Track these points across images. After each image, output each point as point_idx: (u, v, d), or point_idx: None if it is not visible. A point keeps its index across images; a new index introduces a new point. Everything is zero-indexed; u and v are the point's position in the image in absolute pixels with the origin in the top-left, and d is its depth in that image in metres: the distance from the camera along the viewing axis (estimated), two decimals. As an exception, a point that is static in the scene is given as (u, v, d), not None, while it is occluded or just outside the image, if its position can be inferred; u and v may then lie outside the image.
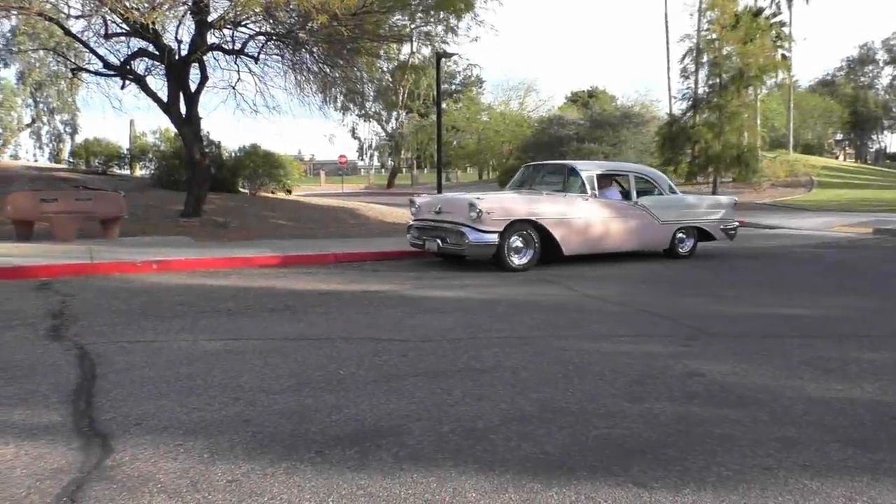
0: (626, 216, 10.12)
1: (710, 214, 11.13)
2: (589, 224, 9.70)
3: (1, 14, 12.20)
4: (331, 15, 10.51)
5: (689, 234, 10.85)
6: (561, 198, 9.76)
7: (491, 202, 9.05)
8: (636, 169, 11.22)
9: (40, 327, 5.55)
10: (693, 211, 10.99)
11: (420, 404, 3.71)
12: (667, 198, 10.69)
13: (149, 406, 3.65)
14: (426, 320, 5.99)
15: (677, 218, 10.65)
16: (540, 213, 9.27)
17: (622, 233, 10.04)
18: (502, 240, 8.87)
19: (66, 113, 38.42)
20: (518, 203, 9.51)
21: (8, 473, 2.83)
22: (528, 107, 45.57)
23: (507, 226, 8.90)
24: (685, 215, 10.80)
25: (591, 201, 9.78)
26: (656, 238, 10.53)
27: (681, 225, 10.69)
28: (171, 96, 13.70)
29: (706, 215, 11.07)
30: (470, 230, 8.83)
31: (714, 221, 11.10)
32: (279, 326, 5.71)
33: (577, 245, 9.58)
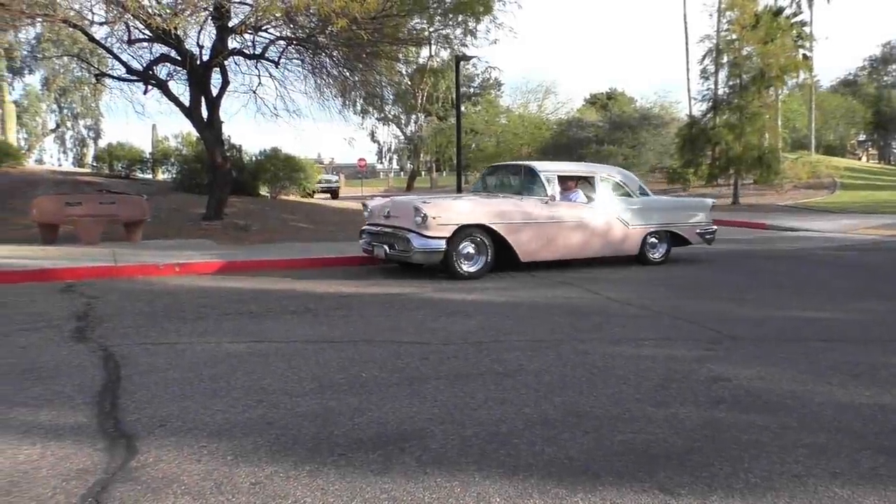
0: (591, 221, 9.56)
1: (685, 218, 10.54)
2: (547, 229, 9.14)
3: (26, 21, 12.40)
4: (350, 19, 10.55)
5: (662, 238, 10.29)
6: (517, 201, 9.24)
7: (438, 206, 8.58)
8: (603, 170, 10.54)
9: (65, 329, 5.62)
10: (665, 214, 10.37)
11: (443, 408, 3.70)
12: (636, 200, 10.11)
13: (173, 408, 3.67)
14: (448, 323, 5.98)
15: (647, 222, 10.06)
16: (492, 217, 8.75)
17: (585, 238, 9.51)
18: (450, 246, 8.40)
19: (90, 118, 38.98)
20: (467, 207, 9.01)
21: (34, 474, 2.86)
22: (546, 109, 45.44)
23: (455, 231, 8.42)
24: (656, 219, 10.19)
25: (550, 204, 9.21)
26: (624, 243, 9.91)
27: (651, 229, 10.10)
28: (193, 101, 13.82)
29: (680, 219, 10.47)
30: (415, 236, 8.36)
31: (689, 225, 10.51)
32: (301, 329, 5.73)
33: (536, 251, 9.08)
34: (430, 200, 8.95)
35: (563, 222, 9.30)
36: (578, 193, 9.90)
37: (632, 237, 9.91)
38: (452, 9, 14.25)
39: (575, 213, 9.49)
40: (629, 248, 9.99)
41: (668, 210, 10.54)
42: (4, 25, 12.47)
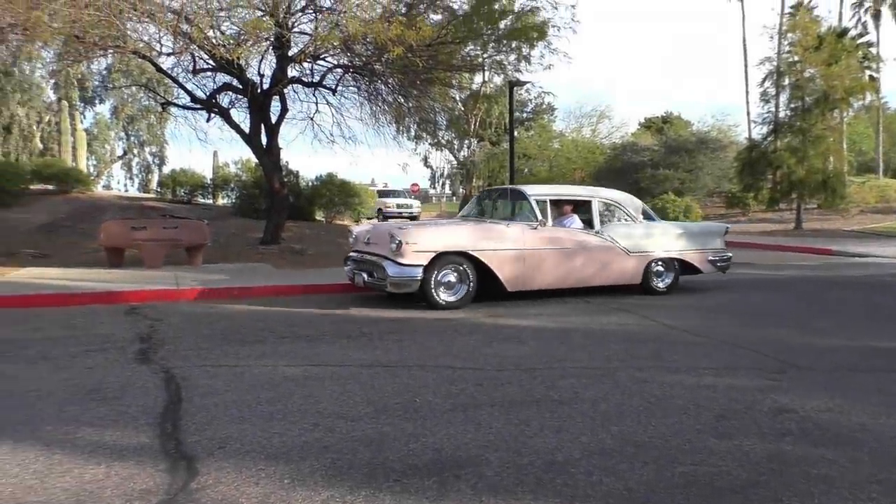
0: (586, 247, 8.98)
1: (694, 244, 9.83)
2: (537, 256, 8.59)
3: (99, 53, 12.99)
4: (406, 47, 10.73)
5: (669, 266, 9.63)
6: (503, 227, 8.73)
7: (414, 232, 8.27)
8: (601, 194, 9.83)
9: (129, 351, 5.79)
10: (671, 241, 9.67)
11: (498, 435, 3.66)
12: (638, 225, 9.55)
13: (232, 430, 3.73)
14: (501, 349, 5.94)
15: (650, 248, 9.43)
16: (475, 244, 8.30)
17: (581, 266, 8.93)
18: (427, 274, 7.98)
19: (155, 145, 40.42)
20: (447, 234, 8.66)
21: (99, 493, 2.93)
22: (600, 133, 45.13)
23: (433, 259, 8.01)
24: (661, 245, 9.54)
25: (540, 230, 8.65)
26: (625, 271, 9.27)
27: (656, 256, 9.47)
28: (253, 128, 14.22)
29: (689, 245, 9.77)
30: (391, 263, 8.00)
31: (699, 252, 9.82)
32: (356, 353, 5.77)
33: (524, 280, 8.55)
34: (408, 226, 8.65)
35: (554, 249, 8.74)
36: (574, 219, 9.36)
37: (633, 265, 9.31)
38: (507, 35, 14.35)
39: (568, 239, 8.95)
40: (630, 277, 9.35)
41: (674, 236, 9.81)
42: (79, 57, 13.08)
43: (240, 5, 11.10)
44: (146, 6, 10.50)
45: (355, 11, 11.11)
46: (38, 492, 2.93)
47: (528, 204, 8.86)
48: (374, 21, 10.92)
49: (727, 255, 10.14)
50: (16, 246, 12.82)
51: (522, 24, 14.31)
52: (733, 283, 10.60)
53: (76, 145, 29.58)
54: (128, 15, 10.72)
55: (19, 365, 5.25)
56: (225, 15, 11.36)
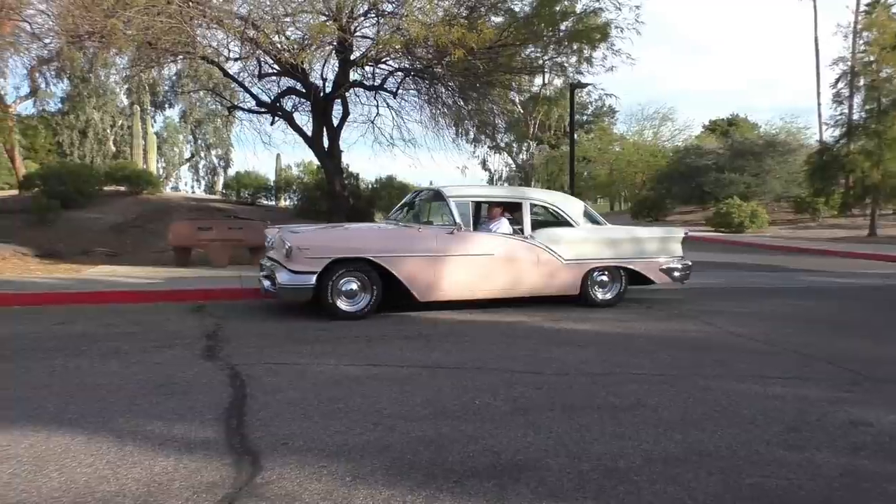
0: (512, 255, 8.17)
1: (644, 252, 8.89)
2: (450, 264, 7.84)
3: (169, 59, 13.46)
4: (467, 49, 10.75)
5: (614, 276, 8.75)
6: (414, 231, 8.07)
7: (307, 237, 7.66)
8: (534, 195, 8.92)
9: (196, 347, 5.95)
10: (616, 248, 8.74)
11: (558, 440, 3.62)
12: (576, 230, 8.64)
13: (294, 427, 3.80)
14: (561, 353, 5.88)
15: (590, 256, 8.55)
16: (378, 250, 7.62)
17: (506, 275, 8.14)
18: (323, 281, 7.32)
19: (221, 148, 41.55)
20: (344, 238, 8.04)
21: (168, 485, 3.02)
22: (662, 136, 44.32)
23: (328, 265, 7.34)
24: (604, 253, 8.65)
25: (457, 235, 7.89)
26: (559, 281, 8.42)
27: (597, 265, 8.60)
28: (316, 131, 14.49)
29: (637, 253, 8.83)
30: (283, 270, 7.43)
31: (649, 261, 8.87)
32: (414, 354, 5.79)
33: (435, 289, 7.82)
34: (303, 230, 8.13)
35: (472, 256, 7.95)
36: (501, 222, 8.53)
37: (568, 273, 8.43)
38: (568, 37, 14.21)
39: (491, 245, 8.14)
40: (566, 287, 8.49)
41: (620, 242, 8.83)
42: (150, 63, 13.57)
43: (304, 10, 11.32)
44: (215, 13, 10.82)
45: (417, 15, 11.20)
46: (111, 482, 3.04)
47: (447, 207, 8.11)
48: (435, 24, 10.98)
49: (683, 265, 9.07)
50: (90, 245, 13.35)
51: (584, 26, 14.13)
52: (803, 290, 10.25)
53: (147, 148, 30.67)
54: (197, 21, 11.06)
55: (93, 359, 5.45)
56: (290, 20, 11.61)
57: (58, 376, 4.89)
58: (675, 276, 9.00)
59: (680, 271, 9.03)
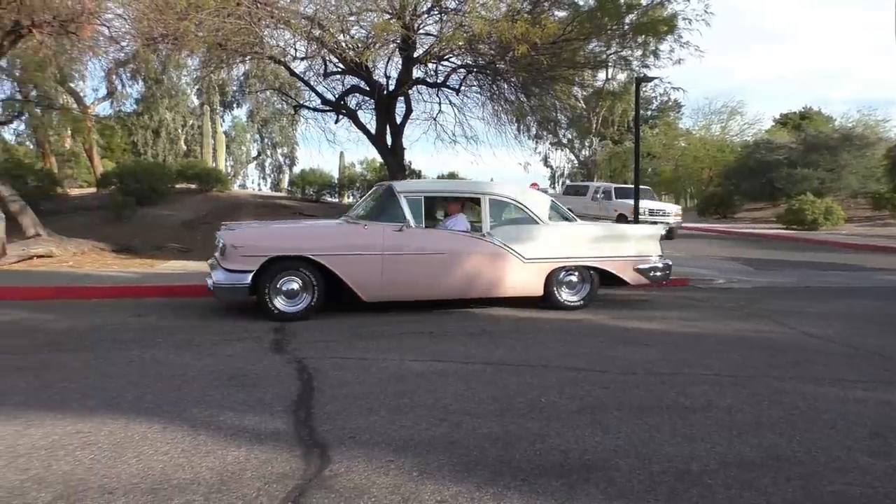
0: (467, 253, 7.68)
1: (616, 250, 8.25)
2: (398, 263, 7.40)
3: (238, 60, 13.79)
4: (531, 45, 10.66)
5: (583, 276, 8.14)
6: (357, 229, 7.60)
7: (242, 234, 7.38)
8: (494, 190, 8.24)
9: (265, 341, 6.08)
10: (584, 246, 8.14)
11: (627, 440, 3.55)
12: (539, 227, 8.04)
13: (361, 421, 3.83)
14: (627, 352, 5.77)
15: (555, 254, 7.98)
16: (317, 247, 7.23)
17: (459, 275, 7.67)
18: (259, 281, 7.01)
19: (287, 146, 42.41)
20: (282, 236, 7.67)
21: (240, 474, 3.09)
22: (731, 131, 43.02)
23: (264, 264, 7.02)
24: (570, 251, 8.06)
25: (405, 232, 7.44)
26: (516, 281, 7.85)
27: (562, 264, 8.01)
28: (379, 128, 14.62)
29: (609, 251, 8.20)
30: (218, 269, 7.18)
31: (622, 259, 8.24)
32: (478, 350, 5.78)
33: (384, 289, 7.43)
34: (238, 227, 7.87)
35: (421, 255, 7.52)
36: (459, 219, 8.05)
37: (529, 273, 7.87)
38: (633, 30, 13.92)
39: (444, 243, 7.68)
40: (526, 287, 7.94)
41: (589, 240, 8.23)
42: (220, 64, 13.94)
43: (368, 9, 11.43)
44: (283, 14, 11.03)
45: (480, 11, 11.17)
46: (185, 470, 3.13)
47: (397, 202, 7.63)
48: (498, 20, 10.92)
49: (660, 264, 8.44)
50: (163, 240, 13.81)
51: (650, 18, 13.83)
52: (881, 290, 9.81)
53: (216, 147, 31.59)
54: (265, 22, 11.30)
55: (167, 350, 5.63)
56: (354, 19, 11.73)
57: (134, 366, 5.07)
58: (652, 276, 8.36)
59: (658, 271, 8.40)
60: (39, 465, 3.15)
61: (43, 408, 4.02)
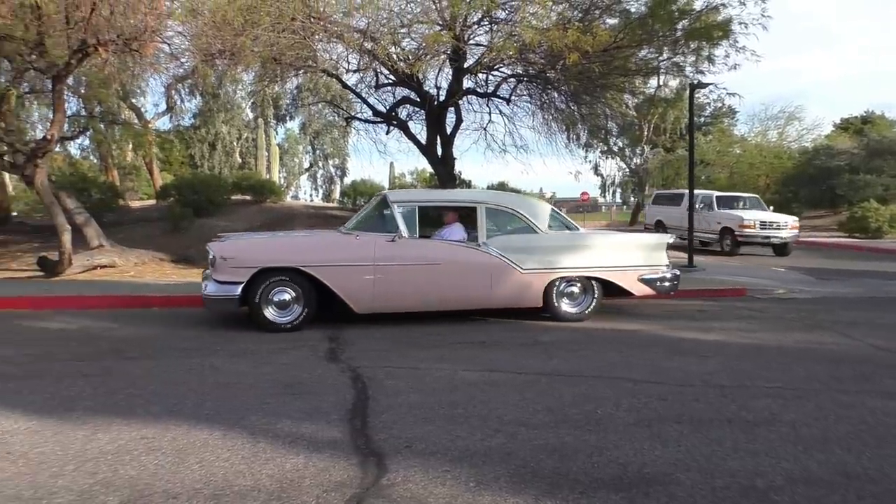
0: (462, 264, 7.53)
1: (620, 259, 8.00)
2: (392, 274, 7.29)
3: (292, 73, 14.06)
4: (582, 53, 10.59)
5: (585, 287, 7.90)
6: (349, 240, 7.54)
7: (232, 246, 7.35)
8: (490, 199, 8.13)
9: (319, 349, 6.16)
10: (585, 255, 7.88)
11: (687, 453, 3.47)
12: (535, 237, 7.84)
13: (416, 430, 3.84)
14: (684, 363, 5.66)
15: (553, 265, 7.75)
16: (308, 259, 7.18)
17: (454, 286, 7.51)
18: (250, 293, 7.01)
19: (338, 158, 43.02)
20: (272, 247, 7.62)
21: (299, 482, 3.12)
22: (788, 137, 41.87)
23: (255, 275, 7.01)
24: (571, 261, 7.81)
25: (398, 243, 7.33)
26: (513, 292, 7.65)
27: (562, 274, 7.78)
28: (430, 139, 14.70)
29: (612, 261, 7.95)
30: (209, 281, 7.23)
31: (625, 269, 7.97)
32: (531, 361, 5.74)
33: (377, 301, 7.33)
34: (229, 239, 7.86)
35: (414, 266, 7.38)
36: (455, 229, 7.90)
37: (526, 284, 7.66)
38: (686, 36, 13.70)
39: (438, 254, 7.54)
40: (524, 298, 7.73)
41: (591, 250, 7.98)
42: (274, 78, 14.23)
43: (419, 21, 11.52)
44: (336, 27, 11.20)
45: (530, 20, 11.14)
46: (246, 476, 3.18)
47: (390, 212, 7.57)
48: (549, 29, 10.89)
49: (667, 274, 8.17)
50: (219, 251, 14.12)
51: (704, 23, 13.58)
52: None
53: (270, 159, 32.24)
54: (318, 36, 11.49)
55: (225, 359, 5.75)
56: (405, 31, 11.84)
57: (194, 374, 5.19)
58: (658, 286, 8.10)
59: (664, 281, 8.13)
60: (107, 470, 3.24)
61: (109, 413, 4.14)
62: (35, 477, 3.16)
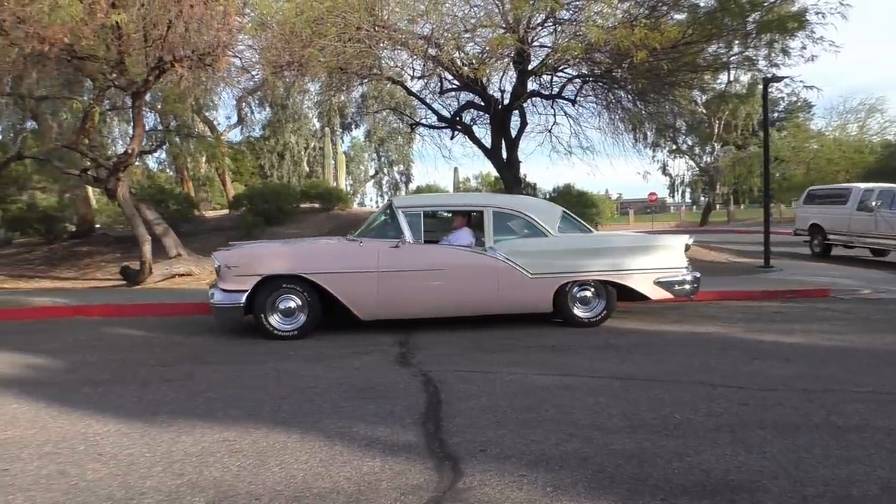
0: (468, 269, 7.41)
1: (634, 263, 7.69)
2: (396, 280, 7.23)
3: (357, 82, 14.28)
4: (650, 50, 10.39)
5: (597, 290, 7.66)
6: (354, 247, 7.46)
7: (236, 255, 7.37)
8: (497, 202, 8.00)
9: (391, 354, 6.21)
10: (596, 259, 7.61)
11: (774, 460, 3.34)
12: (543, 241, 7.63)
13: (490, 434, 3.82)
14: (764, 367, 5.45)
15: (564, 269, 7.51)
16: (312, 267, 7.19)
17: (460, 291, 7.38)
18: (256, 300, 7.05)
19: (402, 164, 43.52)
20: (276, 255, 7.54)
21: (376, 485, 3.14)
22: (870, 130, 40.09)
23: (259, 283, 7.05)
24: (580, 265, 7.55)
25: (402, 248, 7.27)
26: (521, 297, 7.48)
27: (572, 278, 7.53)
28: (494, 143, 14.69)
29: (625, 264, 7.66)
30: (216, 289, 7.26)
31: (642, 272, 7.66)
32: (604, 364, 5.64)
33: (382, 307, 7.27)
34: (235, 247, 7.87)
35: (419, 272, 7.31)
36: (461, 234, 7.78)
37: (535, 289, 7.46)
38: (758, 28, 13.26)
39: (442, 259, 7.43)
40: (532, 303, 7.56)
41: (602, 253, 7.70)
42: (340, 87, 14.49)
43: (483, 25, 11.54)
44: (400, 35, 11.32)
45: (595, 20, 11.01)
46: (324, 479, 3.22)
47: (396, 218, 7.49)
48: (615, 27, 10.73)
49: (686, 277, 7.84)
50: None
51: (777, 15, 13.12)
52: None
53: (336, 167, 32.78)
54: (383, 45, 11.65)
55: (300, 363, 5.86)
56: (469, 36, 11.87)
57: (270, 378, 5.31)
58: (677, 290, 7.79)
59: (682, 284, 7.80)
60: (192, 471, 3.34)
61: (192, 416, 4.27)
62: (125, 478, 3.28)
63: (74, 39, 8.80)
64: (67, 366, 5.93)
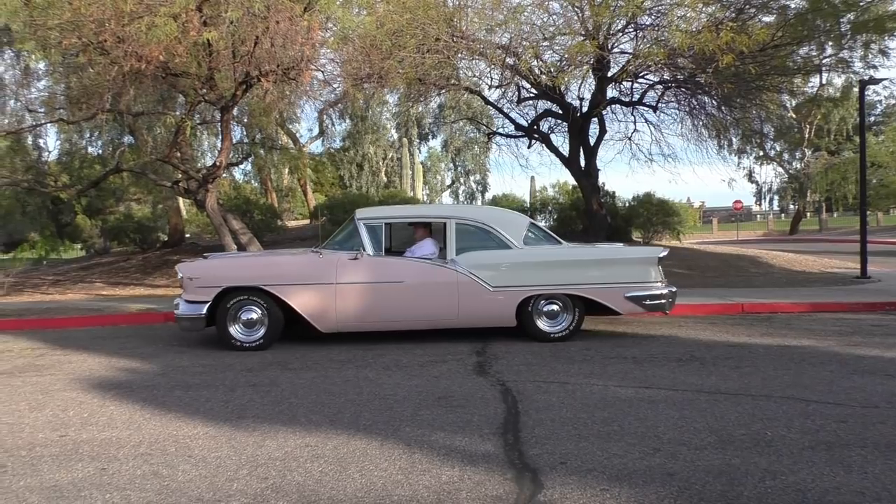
0: (428, 281, 7.24)
1: (603, 276, 7.35)
2: (354, 293, 7.15)
3: (435, 92, 14.41)
4: (737, 54, 10.06)
5: (565, 305, 7.36)
6: (312, 259, 7.39)
7: (198, 266, 7.46)
8: (461, 213, 7.82)
9: (468, 363, 6.20)
10: (563, 272, 7.33)
11: (876, 481, 3.15)
12: (506, 253, 7.37)
13: (570, 446, 3.75)
14: (864, 383, 5.16)
15: (525, 282, 7.26)
16: (270, 277, 7.19)
17: (418, 304, 7.24)
18: (217, 311, 7.10)
19: (479, 173, 43.59)
20: (236, 266, 7.63)
21: (456, 494, 3.13)
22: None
23: (219, 294, 7.09)
24: (544, 279, 7.30)
25: (361, 261, 7.18)
26: (483, 311, 7.27)
27: (536, 292, 7.27)
28: (572, 151, 14.53)
29: (593, 278, 7.33)
30: (180, 300, 7.38)
31: (611, 287, 7.32)
32: (689, 377, 5.46)
33: (339, 320, 7.17)
34: (198, 259, 7.89)
35: (377, 284, 7.22)
36: (423, 245, 7.61)
37: (496, 302, 7.23)
38: (853, 29, 12.66)
39: (397, 272, 7.29)
40: (493, 317, 7.34)
41: (569, 266, 7.41)
42: (418, 98, 14.65)
43: (562, 33, 11.45)
44: (478, 45, 11.37)
45: (679, 24, 10.75)
46: (404, 487, 3.23)
47: (356, 229, 7.40)
48: (699, 31, 10.44)
49: (660, 292, 7.42)
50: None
51: (873, 14, 12.49)
52: None
53: (414, 177, 33.19)
54: (461, 55, 11.71)
55: (378, 371, 5.92)
56: (547, 44, 11.80)
57: (351, 385, 5.38)
58: (648, 304, 7.40)
59: (654, 299, 7.40)
60: (276, 475, 3.42)
61: (276, 421, 4.38)
62: (213, 480, 3.39)
63: (169, 57, 9.23)
64: (159, 369, 6.20)
